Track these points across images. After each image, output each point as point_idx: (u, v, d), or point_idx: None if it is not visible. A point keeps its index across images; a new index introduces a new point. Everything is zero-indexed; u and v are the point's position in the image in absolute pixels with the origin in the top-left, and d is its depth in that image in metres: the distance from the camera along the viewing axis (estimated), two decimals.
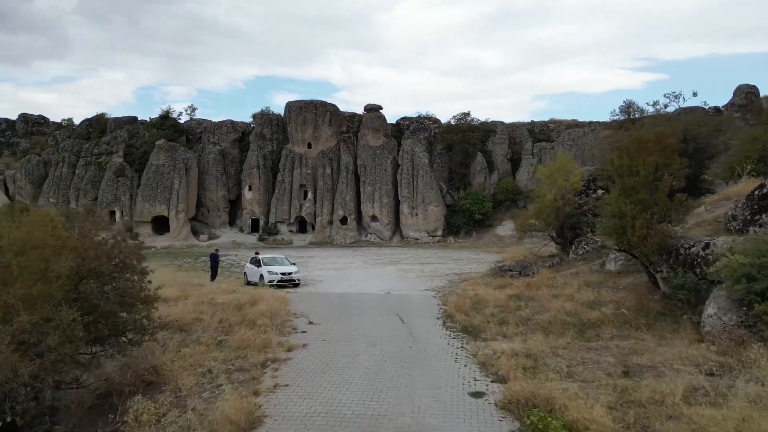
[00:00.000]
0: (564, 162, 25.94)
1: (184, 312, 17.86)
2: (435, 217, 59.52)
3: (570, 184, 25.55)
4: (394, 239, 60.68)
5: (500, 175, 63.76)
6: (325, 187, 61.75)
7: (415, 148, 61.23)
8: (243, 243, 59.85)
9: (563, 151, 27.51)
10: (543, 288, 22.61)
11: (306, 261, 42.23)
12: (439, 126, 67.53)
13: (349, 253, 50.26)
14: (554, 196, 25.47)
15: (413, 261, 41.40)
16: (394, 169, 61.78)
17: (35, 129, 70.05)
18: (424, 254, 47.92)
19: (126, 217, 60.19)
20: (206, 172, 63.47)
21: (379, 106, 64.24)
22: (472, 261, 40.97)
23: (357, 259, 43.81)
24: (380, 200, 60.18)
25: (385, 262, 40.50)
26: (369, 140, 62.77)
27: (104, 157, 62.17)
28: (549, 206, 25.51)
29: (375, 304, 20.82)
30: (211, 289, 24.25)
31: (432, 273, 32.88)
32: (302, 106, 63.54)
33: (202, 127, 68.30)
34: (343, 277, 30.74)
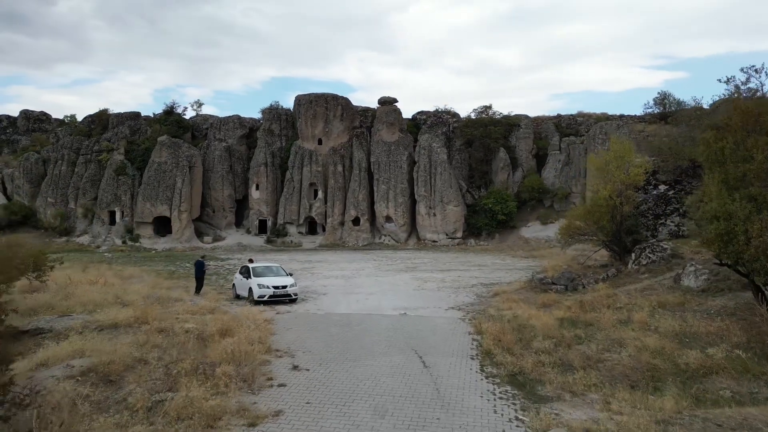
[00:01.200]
0: (622, 150, 20.50)
1: (125, 348, 12.83)
2: (454, 217, 54.16)
3: (630, 178, 20.09)
4: (409, 241, 55.42)
5: (525, 173, 58.17)
6: (336, 186, 56.72)
7: (433, 143, 55.91)
8: (249, 245, 55.05)
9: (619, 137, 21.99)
10: (603, 310, 17.24)
11: (313, 266, 37.19)
12: (458, 120, 62.12)
13: (360, 256, 45.11)
14: (610, 193, 20.06)
15: (432, 267, 36.15)
16: (410, 166, 56.54)
17: (37, 126, 66.07)
18: (444, 258, 42.59)
19: (127, 217, 55.77)
20: (211, 170, 58.82)
21: (394, 99, 59.03)
22: (499, 267, 35.56)
23: (369, 264, 38.65)
24: (395, 200, 54.97)
25: (399, 269, 35.29)
26: (383, 135, 57.60)
27: (104, 154, 57.82)
28: (603, 205, 20.11)
29: (387, 334, 15.61)
30: (184, 307, 19.25)
31: (455, 283, 27.59)
32: (312, 99, 58.58)
33: (208, 123, 63.70)
34: (351, 289, 25.58)
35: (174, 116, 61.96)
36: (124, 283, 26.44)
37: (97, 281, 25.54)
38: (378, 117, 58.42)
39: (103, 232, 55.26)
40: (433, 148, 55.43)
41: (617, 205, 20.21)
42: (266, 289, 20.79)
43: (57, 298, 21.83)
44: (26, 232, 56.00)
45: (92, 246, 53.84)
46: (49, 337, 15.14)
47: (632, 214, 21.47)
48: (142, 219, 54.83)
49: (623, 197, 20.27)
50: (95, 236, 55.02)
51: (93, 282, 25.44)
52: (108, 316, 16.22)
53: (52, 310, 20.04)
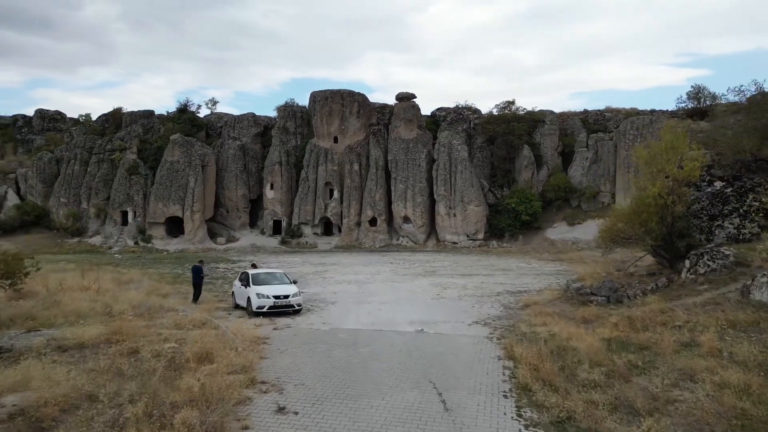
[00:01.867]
0: (674, 140, 17.47)
1: (79, 378, 10.36)
2: (475, 218, 51.20)
3: (684, 173, 17.06)
4: (428, 243, 52.61)
5: (550, 171, 54.94)
6: (352, 185, 54.18)
7: (453, 140, 53.02)
8: (263, 247, 52.82)
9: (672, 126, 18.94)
10: (658, 329, 14.32)
11: (326, 270, 34.67)
12: (479, 116, 59.12)
13: (377, 259, 42.46)
14: (659, 190, 17.08)
15: (452, 271, 33.34)
16: (429, 164, 53.74)
17: (51, 125, 64.77)
18: (465, 261, 39.72)
19: (139, 218, 53.95)
20: (225, 170, 56.73)
21: (412, 95, 56.27)
22: (525, 272, 32.60)
23: (385, 267, 35.99)
24: (413, 199, 52.21)
25: (417, 273, 32.55)
26: (401, 133, 54.89)
27: (117, 153, 56.12)
28: (651, 204, 17.14)
29: (400, 359, 12.91)
30: (173, 320, 16.81)
31: (478, 290, 24.77)
32: (328, 96, 56.12)
33: (222, 122, 61.67)
34: (363, 297, 22.93)
35: (187, 114, 60.08)
36: (120, 289, 24.19)
37: (90, 287, 23.30)
38: (396, 113, 55.73)
39: (116, 233, 53.53)
40: (454, 146, 52.56)
41: (668, 204, 17.21)
42: (266, 299, 18.24)
43: (40, 307, 19.61)
44: (39, 232, 54.65)
45: (104, 247, 52.15)
46: (4, 359, 12.82)
47: (684, 215, 18.44)
48: (154, 219, 52.97)
49: (675, 195, 17.27)
50: (107, 237, 53.32)
51: (86, 288, 23.23)
52: (77, 333, 13.82)
53: (30, 321, 17.82)
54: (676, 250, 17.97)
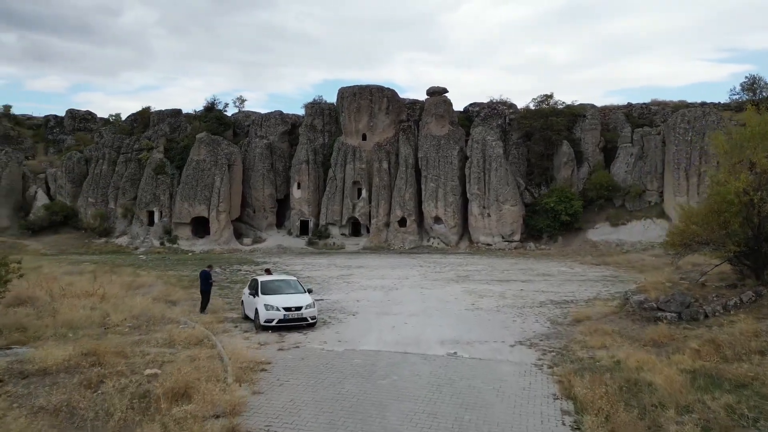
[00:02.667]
0: (764, 125, 14.23)
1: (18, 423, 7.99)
2: (511, 218, 47.91)
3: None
4: (461, 244, 49.56)
5: (591, 168, 51.20)
6: (381, 184, 51.56)
7: (487, 136, 49.83)
8: (290, 248, 50.73)
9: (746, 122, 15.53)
10: (754, 358, 11.20)
11: (351, 273, 32.14)
12: (515, 111, 55.73)
13: (406, 262, 39.72)
14: (745, 185, 13.86)
15: (487, 276, 30.34)
16: (462, 162, 50.70)
17: (82, 125, 64.23)
18: (500, 265, 36.62)
19: (165, 218, 52.54)
20: (252, 169, 54.87)
21: (444, 89, 53.29)
22: (568, 278, 29.35)
23: (414, 271, 33.22)
24: (445, 198, 49.25)
25: (449, 278, 29.66)
26: (432, 129, 51.98)
27: (144, 152, 54.91)
28: (734, 202, 13.94)
29: (427, 396, 10.14)
30: (168, 335, 14.46)
31: (518, 300, 21.79)
32: (356, 91, 53.64)
33: (249, 120, 59.90)
34: (388, 306, 20.24)
35: (214, 113, 58.49)
36: (127, 295, 22.13)
37: (94, 293, 21.26)
38: (426, 109, 52.85)
39: (142, 233, 52.25)
40: (488, 142, 49.37)
41: (755, 201, 13.98)
42: (275, 311, 15.72)
43: (34, 316, 17.62)
44: (67, 232, 53.83)
45: (130, 247, 50.92)
46: None
47: None
48: (180, 219, 51.45)
49: (764, 191, 14.03)
50: (134, 237, 52.08)
51: (90, 294, 21.20)
52: (41, 355, 11.53)
53: (17, 333, 15.77)
54: (764, 257, 14.69)
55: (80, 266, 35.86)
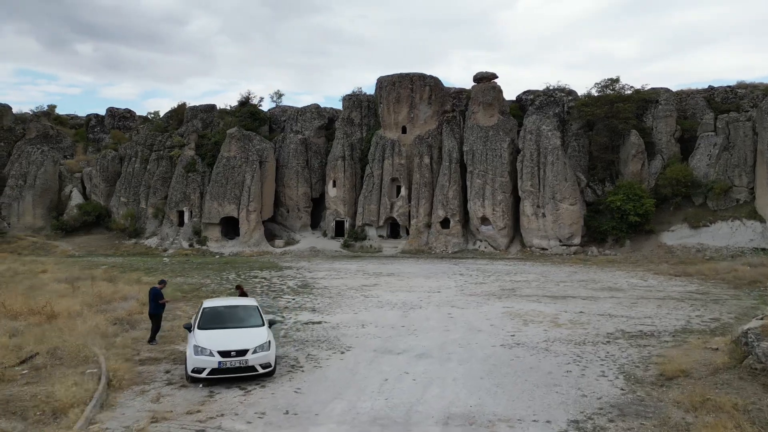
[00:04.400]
0: None
1: None
2: (570, 218, 41.37)
3: None
4: (511, 248, 43.44)
5: (665, 161, 43.83)
6: (422, 181, 46.20)
7: (542, 126, 43.46)
8: (323, 250, 46.31)
9: None
10: None
11: (377, 284, 27.09)
12: (575, 98, 48.98)
13: (445, 268, 34.25)
14: None
15: (538, 290, 24.49)
16: (513, 155, 44.59)
17: (121, 124, 62.51)
18: (556, 274, 30.54)
19: (195, 218, 49.33)
20: (286, 166, 50.91)
21: (493, 74, 47.26)
22: (642, 293, 23.06)
23: (451, 281, 27.75)
24: (493, 196, 43.29)
25: (491, 292, 24.04)
26: (479, 119, 46.11)
27: (176, 150, 52.04)
28: None
29: None
30: (42, 390, 9.89)
31: (576, 329, 16.04)
32: (395, 80, 48.54)
33: (286, 115, 56.04)
34: (396, 339, 15.01)
35: (248, 107, 54.92)
36: (91, 311, 18.03)
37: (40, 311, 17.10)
38: (473, 97, 47.00)
39: (172, 234, 49.30)
40: (543, 132, 43.00)
41: None
42: (207, 356, 10.76)
43: None
44: (100, 233, 51.73)
45: (159, 249, 48.06)
46: None
47: None
48: (209, 220, 48.08)
49: None
50: (163, 238, 49.20)
51: (36, 312, 17.14)
52: None
53: None
54: None
55: (90, 270, 32.72)
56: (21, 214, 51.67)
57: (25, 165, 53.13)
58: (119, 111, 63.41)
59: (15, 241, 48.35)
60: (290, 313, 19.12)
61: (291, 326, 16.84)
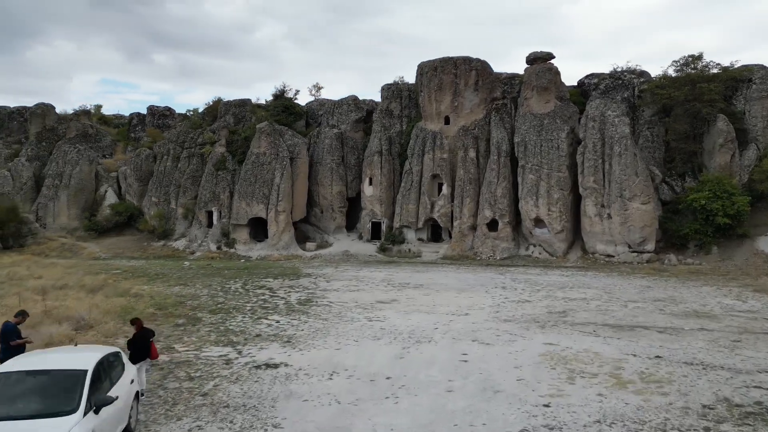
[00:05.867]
0: None
1: None
2: (642, 220, 34.51)
3: None
4: (570, 255, 37.01)
5: (761, 151, 36.05)
6: (466, 178, 40.56)
7: (608, 111, 36.75)
8: (357, 254, 41.71)
9: None
10: None
11: (394, 299, 22.05)
12: (647, 80, 41.74)
13: (487, 279, 28.63)
14: None
15: (598, 314, 18.56)
16: (573, 147, 38.15)
17: (161, 122, 60.69)
18: (624, 291, 24.29)
19: (224, 218, 45.99)
20: (320, 163, 46.69)
21: (549, 54, 40.88)
22: (744, 323, 16.71)
23: (487, 298, 22.21)
24: (548, 194, 37.07)
25: (534, 317, 18.38)
26: (533, 106, 39.89)
27: (207, 147, 49.04)
28: None
29: None
30: None
31: (652, 397, 10.30)
32: (437, 65, 43.15)
33: (324, 109, 51.91)
34: (368, 405, 9.99)
35: (282, 100, 51.16)
36: None
37: None
38: (526, 81, 40.81)
39: (200, 236, 46.22)
40: (609, 119, 36.30)
41: None
42: None
43: None
44: (131, 234, 49.50)
45: (187, 251, 45.08)
46: None
47: None
48: (237, 221, 44.58)
49: None
50: (191, 240, 46.22)
51: None
52: None
53: None
54: None
55: (94, 276, 29.70)
56: (56, 214, 50.35)
57: (61, 164, 51.86)
58: (159, 109, 61.64)
59: (45, 242, 46.85)
60: (255, 346, 14.46)
61: (235, 371, 12.12)
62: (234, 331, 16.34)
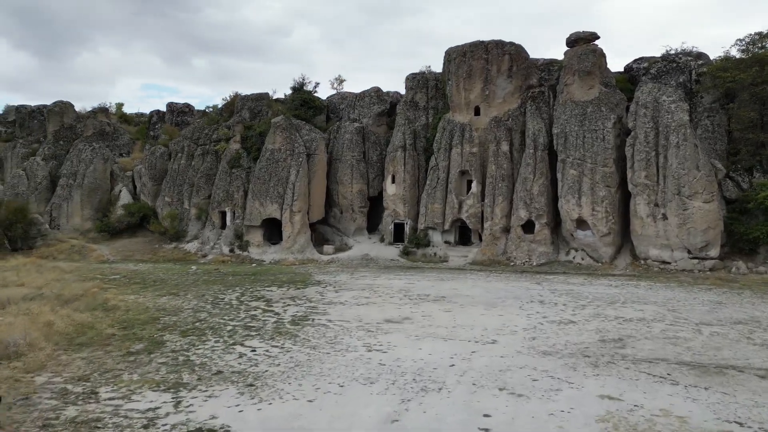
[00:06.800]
0: None
1: None
2: (704, 221, 29.54)
3: None
4: (618, 261, 32.27)
5: None
6: (498, 174, 36.24)
7: (663, 97, 31.85)
8: (377, 258, 37.99)
9: None
10: None
11: (409, 317, 18.24)
12: (707, 63, 36.51)
13: (522, 290, 24.38)
14: None
15: (668, 345, 14.23)
16: (620, 138, 33.39)
17: (180, 119, 58.36)
18: (690, 307, 19.71)
19: (238, 219, 42.91)
20: (339, 159, 43.12)
21: (593, 34, 36.14)
22: None
23: (522, 317, 18.08)
24: (592, 192, 32.44)
25: (582, 346, 14.19)
26: (574, 93, 35.25)
27: (221, 143, 46.13)
28: None
29: None
30: None
31: None
32: (466, 51, 38.93)
33: (346, 102, 48.37)
34: None
35: (302, 94, 47.82)
36: None
37: None
38: (566, 65, 36.19)
39: (213, 238, 43.27)
40: (663, 105, 31.42)
41: None
42: None
43: None
44: (144, 235, 47.02)
45: (198, 254, 42.21)
46: None
47: None
48: (250, 222, 41.42)
49: None
50: (204, 243, 43.33)
51: None
52: None
53: None
54: None
55: (82, 284, 26.89)
56: (70, 215, 48.32)
57: (76, 163, 49.88)
58: (178, 106, 59.26)
59: (55, 244, 44.78)
60: (205, 391, 10.80)
61: None
62: (193, 363, 12.80)
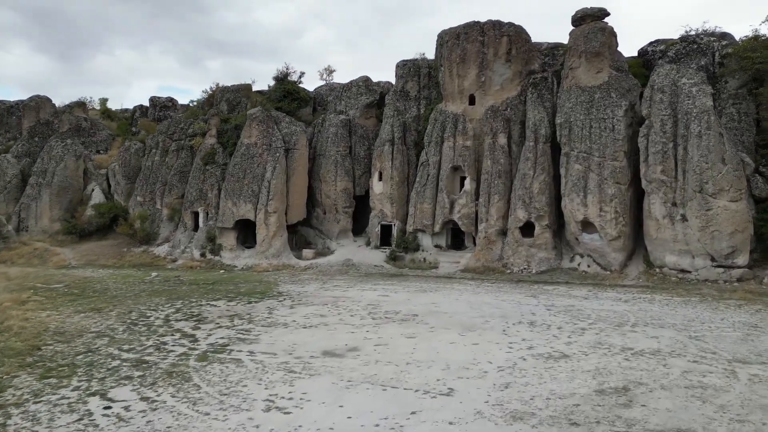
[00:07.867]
0: None
1: None
2: (731, 223, 25.18)
3: None
4: (630, 269, 27.99)
5: None
6: (494, 170, 32.11)
7: (682, 80, 27.52)
8: (359, 265, 34.17)
9: None
10: None
11: (357, 347, 14.61)
12: (731, 43, 32.08)
13: (512, 305, 20.33)
14: None
15: (704, 408, 10.14)
16: (633, 128, 29.12)
17: (162, 113, 55.02)
18: (722, 336, 15.57)
19: (212, 221, 39.24)
20: (323, 155, 39.33)
21: (602, 11, 31.90)
22: None
23: (503, 345, 14.16)
24: (600, 190, 28.20)
25: (575, 405, 10.20)
26: (580, 77, 31.02)
27: (197, 138, 42.52)
28: None
29: None
30: None
31: None
32: (460, 32, 34.92)
33: (333, 94, 44.54)
34: None
35: (284, 84, 44.06)
36: None
37: None
38: (572, 46, 31.95)
39: (185, 241, 39.68)
40: (683, 89, 27.10)
41: None
42: None
43: None
44: (114, 237, 43.51)
45: (168, 258, 38.67)
46: None
47: None
48: (223, 224, 37.74)
49: None
50: (174, 246, 39.78)
51: None
52: None
53: None
54: None
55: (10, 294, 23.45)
56: (38, 216, 45.02)
57: (46, 161, 46.64)
58: (161, 100, 55.93)
59: (18, 247, 41.54)
60: None
61: None
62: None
